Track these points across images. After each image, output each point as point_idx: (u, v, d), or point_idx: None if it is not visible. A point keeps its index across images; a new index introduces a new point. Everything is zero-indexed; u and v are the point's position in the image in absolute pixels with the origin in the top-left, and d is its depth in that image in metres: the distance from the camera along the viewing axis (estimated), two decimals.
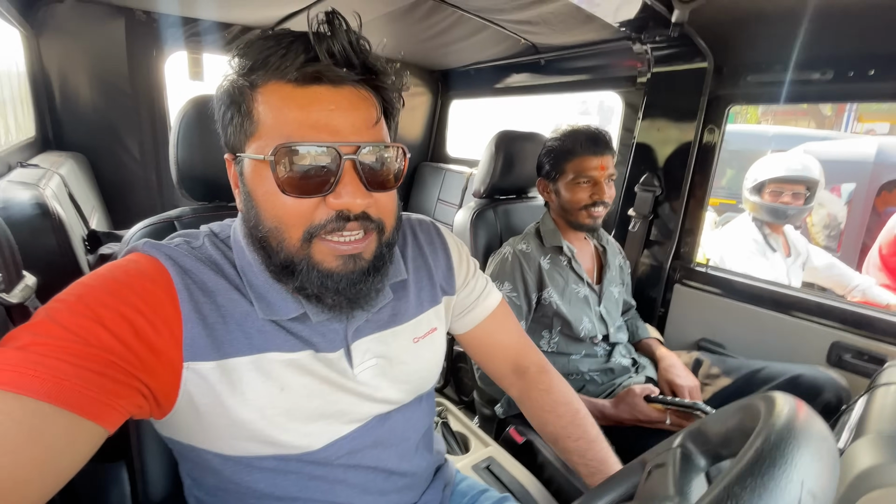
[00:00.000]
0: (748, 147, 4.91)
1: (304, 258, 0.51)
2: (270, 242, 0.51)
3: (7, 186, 0.90)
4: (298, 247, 0.50)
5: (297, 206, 0.49)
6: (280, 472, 0.57)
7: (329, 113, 0.49)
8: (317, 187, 0.49)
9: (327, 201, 0.50)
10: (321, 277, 0.51)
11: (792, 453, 0.27)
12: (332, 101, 0.49)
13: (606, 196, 1.20)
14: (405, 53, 2.39)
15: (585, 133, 1.21)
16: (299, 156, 0.48)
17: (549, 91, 2.21)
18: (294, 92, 0.49)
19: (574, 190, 1.21)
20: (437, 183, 2.78)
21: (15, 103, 1.45)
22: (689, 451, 0.44)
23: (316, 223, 0.50)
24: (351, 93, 0.50)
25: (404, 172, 0.57)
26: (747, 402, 0.37)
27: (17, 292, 0.55)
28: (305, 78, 0.48)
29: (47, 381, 0.39)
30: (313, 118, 0.48)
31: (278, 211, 0.50)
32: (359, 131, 0.50)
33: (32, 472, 0.37)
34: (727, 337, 1.54)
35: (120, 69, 1.79)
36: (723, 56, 1.44)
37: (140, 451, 0.72)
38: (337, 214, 0.50)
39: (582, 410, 0.78)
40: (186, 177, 0.80)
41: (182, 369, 0.49)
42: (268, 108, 0.49)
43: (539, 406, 0.80)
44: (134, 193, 1.93)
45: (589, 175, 1.20)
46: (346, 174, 0.49)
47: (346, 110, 0.50)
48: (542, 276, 1.22)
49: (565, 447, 0.75)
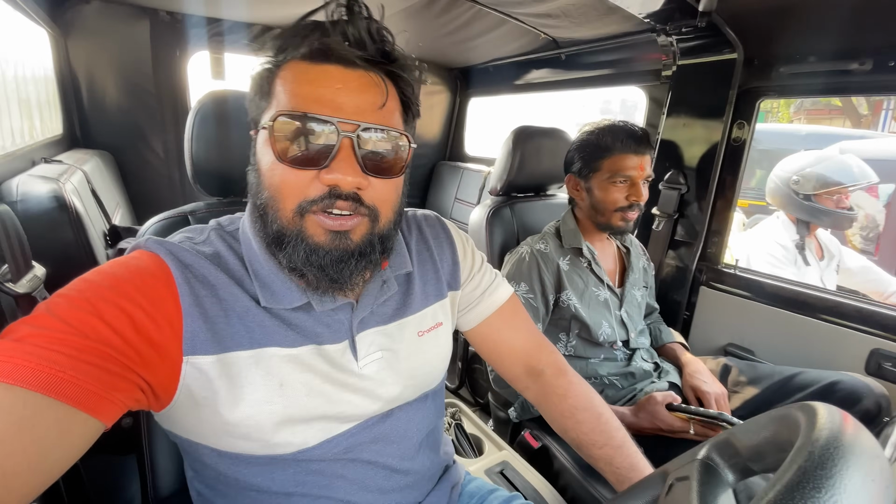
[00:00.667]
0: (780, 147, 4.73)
1: (295, 231, 0.51)
2: (267, 211, 0.52)
3: (27, 180, 0.92)
4: (290, 219, 0.51)
5: (293, 178, 0.50)
6: (276, 467, 0.56)
7: (336, 91, 0.50)
8: (312, 161, 0.50)
9: (320, 177, 0.50)
10: (307, 251, 0.51)
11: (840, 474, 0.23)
12: (340, 79, 0.50)
13: (643, 198, 1.14)
14: (423, 51, 2.38)
15: (625, 129, 1.14)
16: (296, 127, 0.49)
17: (569, 87, 2.16)
18: (307, 68, 0.50)
19: (609, 189, 1.15)
20: (454, 182, 2.76)
21: (41, 102, 1.49)
22: (716, 464, 0.40)
23: (309, 198, 0.50)
24: (361, 75, 0.51)
25: (407, 162, 0.56)
26: (783, 412, 0.34)
27: (24, 282, 0.55)
28: (316, 54, 0.50)
29: (42, 372, 0.39)
30: (319, 93, 0.49)
31: (276, 180, 0.51)
32: (363, 112, 0.50)
33: (21, 464, 0.36)
34: (756, 342, 1.47)
35: (144, 69, 1.83)
36: (753, 47, 1.38)
37: (150, 445, 0.72)
38: (329, 191, 0.50)
39: (605, 414, 0.75)
40: (201, 171, 0.80)
41: (182, 363, 0.49)
42: (282, 82, 0.51)
43: (558, 412, 0.76)
44: (157, 190, 1.97)
45: (627, 175, 1.13)
46: (342, 150, 0.50)
47: (354, 91, 0.50)
48: (561, 278, 1.18)
49: (590, 454, 0.72)
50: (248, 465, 0.55)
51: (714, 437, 0.42)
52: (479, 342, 0.80)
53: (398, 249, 0.65)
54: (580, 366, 1.20)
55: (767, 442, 0.34)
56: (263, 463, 0.55)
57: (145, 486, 0.74)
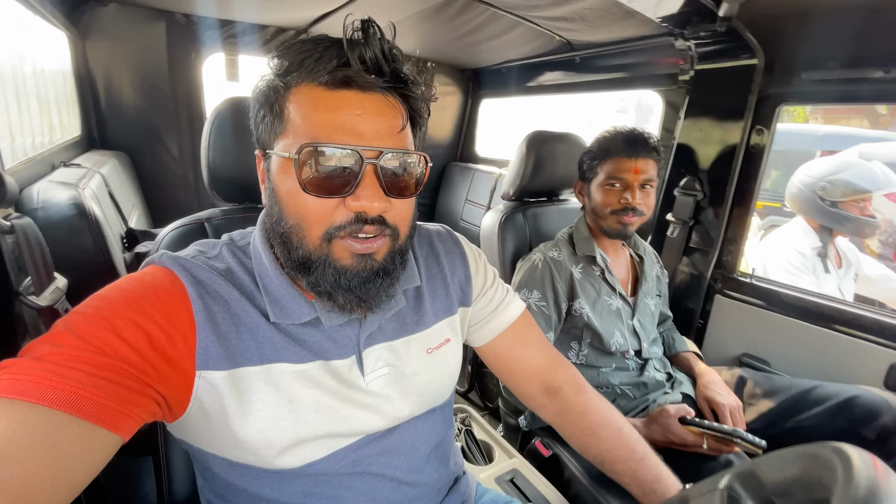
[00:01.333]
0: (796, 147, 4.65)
1: (322, 256, 0.52)
2: (291, 239, 0.53)
3: (47, 186, 0.93)
4: (318, 245, 0.52)
5: (318, 206, 0.51)
6: (285, 479, 0.57)
7: (356, 117, 0.50)
8: (337, 188, 0.50)
9: (346, 203, 0.50)
10: (335, 274, 0.52)
11: None
12: (359, 105, 0.50)
13: (638, 202, 1.13)
14: (435, 52, 2.37)
15: (623, 133, 1.15)
16: (322, 156, 0.49)
17: (583, 90, 2.13)
18: (324, 95, 0.50)
19: (604, 192, 1.16)
20: (465, 183, 2.75)
21: (59, 104, 1.51)
22: (738, 496, 0.39)
23: (336, 224, 0.51)
24: (379, 99, 0.51)
25: (424, 181, 0.56)
26: (813, 450, 0.33)
27: (46, 295, 0.56)
28: (335, 82, 0.50)
29: (63, 391, 0.40)
30: (340, 121, 0.49)
31: (300, 209, 0.51)
32: (383, 137, 0.51)
33: (45, 481, 0.37)
34: (772, 353, 1.44)
35: (160, 70, 1.85)
36: (774, 52, 1.35)
37: (166, 450, 0.73)
38: (355, 217, 0.51)
39: (625, 428, 0.74)
40: (217, 178, 0.81)
41: (195, 378, 0.50)
42: (298, 108, 0.51)
43: (579, 430, 0.76)
44: (173, 192, 1.99)
45: (620, 177, 1.14)
46: (366, 177, 0.50)
47: (373, 116, 0.50)
48: (574, 286, 1.17)
49: (614, 470, 0.72)
50: (257, 477, 0.56)
51: (737, 468, 0.41)
52: (491, 359, 0.79)
53: (408, 264, 0.65)
54: (591, 375, 1.19)
55: (796, 480, 0.33)
56: (272, 475, 0.56)
57: (161, 488, 0.75)
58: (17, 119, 1.07)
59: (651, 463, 0.71)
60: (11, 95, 1.07)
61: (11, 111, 1.05)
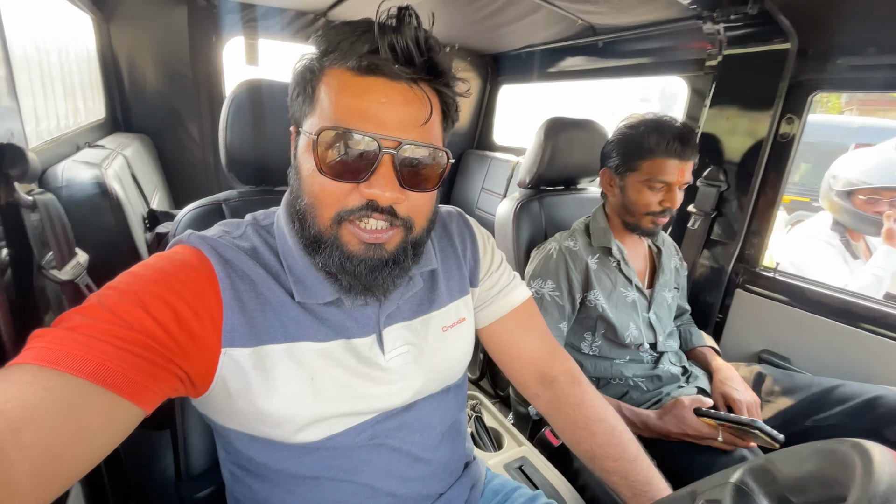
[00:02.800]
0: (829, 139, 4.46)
1: (332, 238, 0.53)
2: (306, 217, 0.54)
3: (71, 166, 0.96)
4: (328, 226, 0.53)
5: (332, 188, 0.51)
6: (304, 452, 0.59)
7: (380, 105, 0.50)
8: (352, 174, 0.51)
9: (360, 189, 0.51)
10: (342, 258, 0.53)
11: None
12: (385, 94, 0.50)
13: (677, 205, 1.09)
14: (454, 36, 2.33)
15: (673, 130, 1.06)
16: (340, 140, 0.50)
17: (606, 75, 2.08)
18: (352, 79, 0.50)
19: (644, 192, 1.10)
20: (482, 171, 2.73)
21: (84, 87, 1.54)
22: (750, 490, 0.38)
23: (347, 208, 0.52)
24: (406, 89, 0.51)
25: (445, 176, 0.56)
26: (831, 446, 0.32)
27: (68, 269, 0.58)
28: (363, 68, 0.50)
29: (91, 361, 0.41)
30: (363, 107, 0.50)
31: (315, 189, 0.53)
32: (405, 128, 0.51)
33: (69, 448, 0.38)
34: (793, 350, 1.40)
35: (182, 54, 1.87)
36: (809, 36, 1.28)
37: (183, 424, 0.76)
38: (367, 203, 0.51)
39: (619, 426, 0.73)
40: (234, 160, 0.81)
41: (220, 355, 0.52)
42: (327, 90, 0.52)
43: (572, 422, 0.75)
44: (193, 174, 2.02)
45: (665, 180, 1.07)
46: (381, 166, 0.50)
47: (398, 105, 0.50)
48: (589, 277, 1.15)
49: (604, 467, 0.71)
50: (277, 451, 0.58)
51: (750, 462, 0.40)
52: (490, 342, 0.80)
53: (426, 248, 0.66)
54: (604, 366, 1.18)
55: (811, 476, 0.32)
56: (292, 449, 0.58)
57: (178, 462, 0.77)
58: (42, 103, 1.10)
59: (643, 465, 0.69)
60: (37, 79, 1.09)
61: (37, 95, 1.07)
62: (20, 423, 0.36)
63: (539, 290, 1.15)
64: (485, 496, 0.78)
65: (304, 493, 0.60)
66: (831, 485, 0.30)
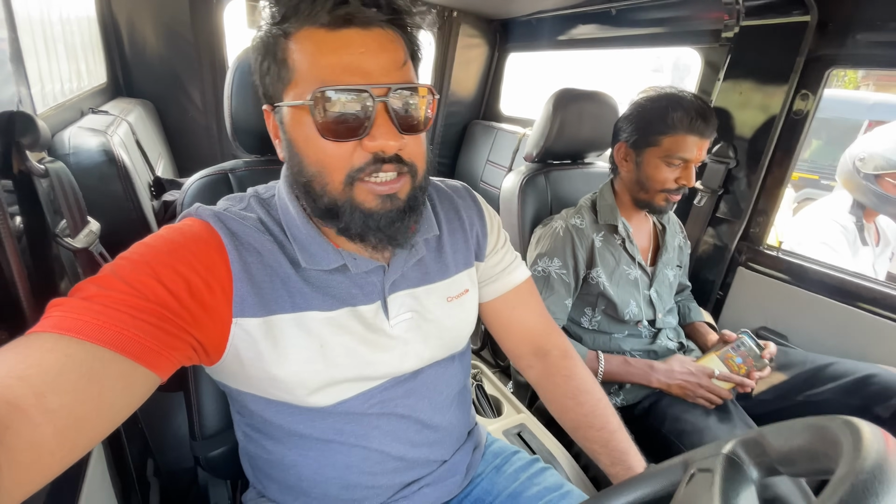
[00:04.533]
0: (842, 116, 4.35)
1: (347, 200, 0.53)
2: (314, 187, 0.54)
3: (77, 133, 0.95)
4: (341, 190, 0.53)
5: (337, 150, 0.51)
6: (316, 416, 0.61)
7: (360, 56, 0.49)
8: (353, 130, 0.50)
9: (363, 144, 0.51)
10: (363, 217, 0.53)
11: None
12: (362, 43, 0.50)
13: (693, 183, 1.08)
14: (461, 1, 2.25)
15: (696, 107, 1.04)
16: (335, 99, 0.49)
17: (618, 45, 2.01)
18: (326, 36, 0.49)
19: (661, 168, 1.08)
20: (487, 143, 2.68)
21: (86, 50, 1.51)
22: (740, 460, 0.40)
23: (356, 167, 0.52)
24: (380, 34, 0.51)
25: (433, 115, 0.56)
26: (821, 421, 0.33)
27: (81, 237, 0.59)
28: (336, 21, 0.49)
29: (108, 330, 0.42)
30: (346, 61, 0.49)
31: (320, 155, 0.52)
32: (389, 73, 0.51)
33: (91, 411, 0.40)
34: (791, 328, 1.42)
35: (182, 17, 1.81)
36: (829, 9, 1.24)
37: (196, 388, 0.78)
38: (374, 157, 0.51)
39: (603, 400, 0.77)
40: (240, 129, 0.81)
41: (231, 325, 0.53)
42: (302, 54, 0.50)
43: (561, 392, 0.79)
44: (196, 141, 2.00)
45: (684, 157, 1.06)
46: (379, 116, 0.50)
47: (376, 52, 0.50)
48: (594, 255, 1.16)
49: (586, 436, 0.75)
50: (290, 414, 0.61)
51: (742, 435, 0.41)
52: (490, 316, 0.82)
53: (425, 213, 0.66)
54: (603, 340, 1.21)
55: (800, 449, 0.34)
56: (305, 412, 0.60)
57: (192, 422, 0.80)
58: (45, 65, 1.08)
59: (623, 436, 0.73)
60: (40, 41, 1.07)
61: (41, 57, 1.05)
62: (44, 387, 0.37)
63: (546, 269, 1.16)
64: (485, 458, 0.81)
65: (316, 457, 0.63)
66: (819, 458, 0.31)
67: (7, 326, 0.48)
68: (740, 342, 1.12)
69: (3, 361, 0.38)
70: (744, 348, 1.12)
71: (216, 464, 0.81)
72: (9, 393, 0.35)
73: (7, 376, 0.36)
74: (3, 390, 0.35)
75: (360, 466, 0.64)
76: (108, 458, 0.69)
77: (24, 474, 0.34)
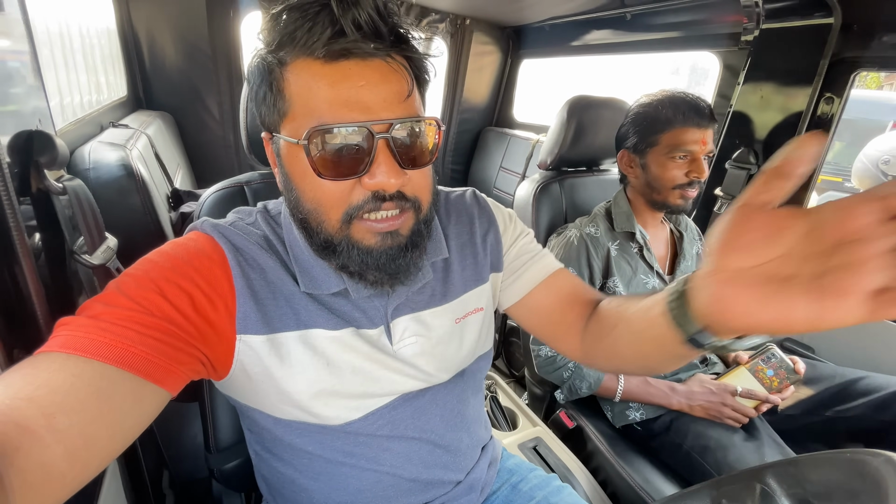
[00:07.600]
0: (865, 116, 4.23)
1: (344, 238, 0.51)
2: (311, 223, 0.52)
3: (97, 147, 0.97)
4: (338, 228, 0.51)
5: (334, 189, 0.49)
6: (326, 436, 0.60)
7: (359, 89, 0.47)
8: (351, 168, 0.48)
9: (362, 182, 0.49)
10: (361, 255, 0.51)
11: None
12: (361, 76, 0.47)
13: (705, 174, 1.07)
14: (473, 7, 2.25)
15: (686, 100, 1.06)
16: (332, 137, 0.47)
17: (634, 50, 1.99)
18: (323, 69, 0.47)
19: (668, 165, 1.08)
20: (500, 149, 2.67)
21: (105, 62, 1.55)
22: (773, 491, 0.38)
23: (354, 205, 0.50)
24: (381, 65, 0.48)
25: (439, 147, 0.54)
26: (860, 457, 0.31)
27: (98, 254, 0.59)
28: (333, 54, 0.46)
29: (115, 347, 0.42)
30: (344, 96, 0.46)
31: (316, 193, 0.50)
32: (390, 106, 0.48)
33: (101, 430, 0.40)
34: (818, 339, 1.37)
35: (200, 30, 1.85)
36: (854, 11, 1.20)
37: (211, 400, 0.78)
38: (373, 195, 0.49)
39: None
40: (256, 142, 0.81)
41: (235, 341, 0.53)
42: (298, 86, 0.48)
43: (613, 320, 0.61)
44: (214, 152, 2.04)
45: (688, 149, 1.05)
46: (379, 153, 0.48)
47: (377, 85, 0.47)
48: (610, 264, 1.13)
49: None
50: (300, 433, 0.59)
51: (773, 463, 0.39)
52: (528, 312, 0.72)
53: (434, 235, 0.64)
54: None
55: (838, 484, 0.32)
56: (315, 431, 0.59)
57: (207, 434, 0.80)
58: (64, 77, 1.11)
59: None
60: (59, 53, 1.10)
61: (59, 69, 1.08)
62: (52, 408, 0.37)
63: None
64: (500, 475, 0.79)
65: (327, 481, 0.62)
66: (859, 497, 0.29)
67: (24, 344, 0.48)
68: (770, 353, 1.08)
69: (12, 383, 0.38)
70: (774, 360, 1.07)
71: (230, 476, 0.81)
72: (17, 414, 0.35)
73: (15, 398, 0.36)
74: (12, 412, 0.35)
75: (372, 490, 0.62)
76: (124, 470, 0.69)
77: (35, 496, 0.34)
